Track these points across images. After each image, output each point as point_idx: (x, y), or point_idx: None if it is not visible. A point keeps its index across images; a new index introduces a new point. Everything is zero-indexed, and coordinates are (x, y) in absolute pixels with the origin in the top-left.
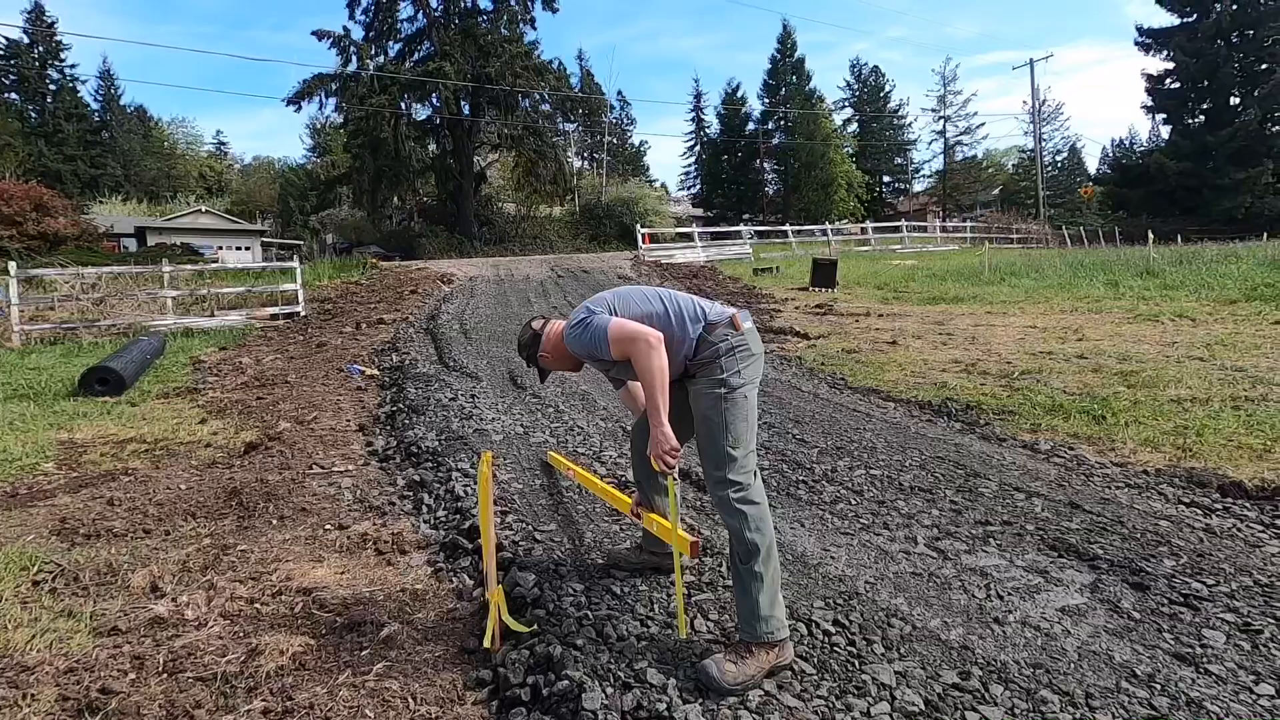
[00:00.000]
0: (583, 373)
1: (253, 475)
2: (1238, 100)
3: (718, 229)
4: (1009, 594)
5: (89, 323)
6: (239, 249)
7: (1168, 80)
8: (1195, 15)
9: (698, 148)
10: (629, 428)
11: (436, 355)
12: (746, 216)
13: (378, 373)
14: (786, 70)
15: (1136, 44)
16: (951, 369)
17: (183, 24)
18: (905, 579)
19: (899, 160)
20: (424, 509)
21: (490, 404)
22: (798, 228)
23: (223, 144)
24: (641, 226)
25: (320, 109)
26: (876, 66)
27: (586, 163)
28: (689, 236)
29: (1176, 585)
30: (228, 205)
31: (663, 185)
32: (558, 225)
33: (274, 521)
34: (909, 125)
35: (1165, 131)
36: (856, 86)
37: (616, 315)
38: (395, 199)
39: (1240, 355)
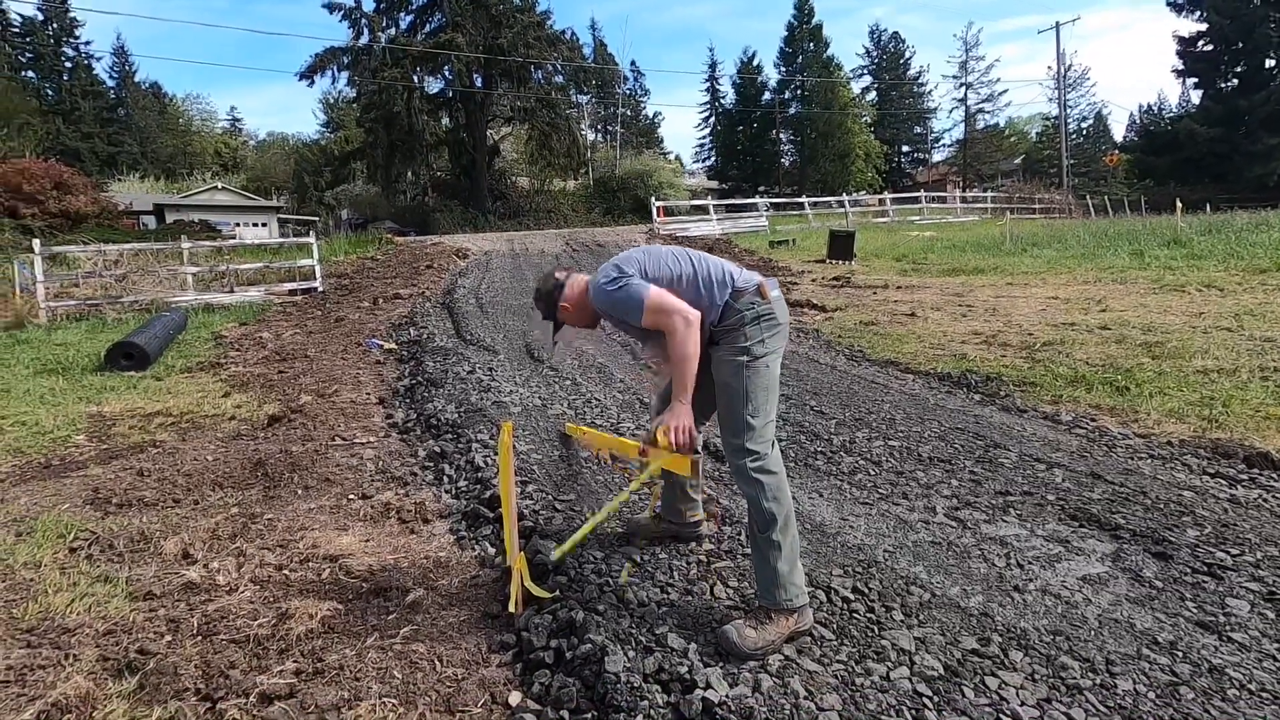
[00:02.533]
0: (599, 345)
1: (277, 447)
2: (1273, 63)
3: (733, 201)
4: (1029, 563)
5: (112, 299)
6: (256, 225)
7: (1200, 42)
8: None
9: (713, 119)
10: (646, 400)
11: (454, 329)
12: (762, 189)
13: (396, 347)
14: (804, 38)
15: (1169, 4)
16: (971, 341)
17: None
18: (924, 548)
19: (918, 129)
20: (445, 479)
21: (508, 377)
22: (814, 199)
23: (237, 120)
24: (656, 199)
25: (333, 83)
26: (896, 33)
27: (600, 136)
28: (704, 209)
29: (1200, 555)
30: (243, 182)
31: (677, 158)
32: (571, 199)
33: (299, 491)
34: (929, 93)
35: (1195, 96)
36: (875, 54)
37: (649, 278)
38: (409, 174)
39: (1270, 326)
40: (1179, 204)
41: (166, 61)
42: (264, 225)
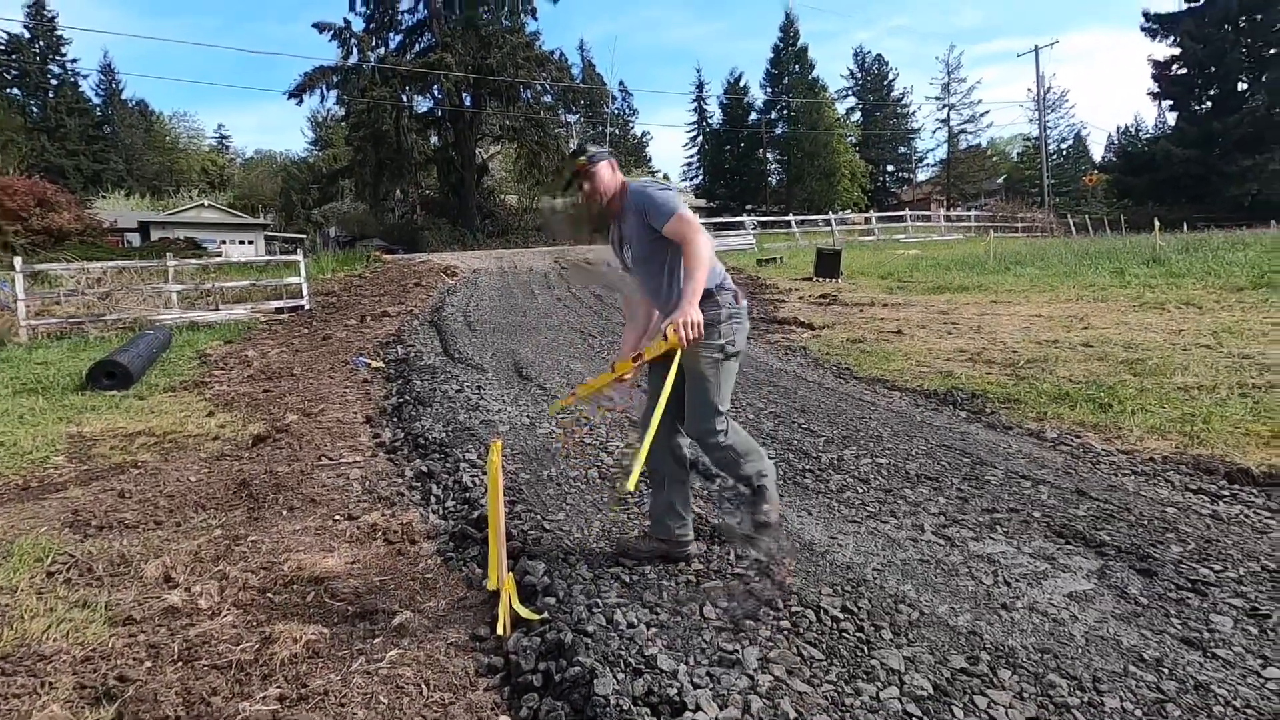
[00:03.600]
0: (586, 363)
1: (261, 467)
2: (1245, 86)
3: (721, 219)
4: (1016, 580)
5: (95, 317)
6: (242, 243)
7: (1174, 66)
8: (1201, 0)
9: (700, 138)
10: (635, 419)
11: (441, 348)
12: (750, 207)
13: (383, 365)
14: (789, 59)
15: (1143, 29)
16: (957, 358)
17: (186, 17)
18: (913, 566)
19: (902, 149)
20: (432, 500)
21: (496, 395)
22: (801, 218)
23: (225, 138)
24: None
25: (322, 102)
26: (880, 55)
27: None
28: None
29: (1184, 571)
30: (230, 199)
31: (665, 176)
32: (560, 217)
33: (284, 512)
34: (912, 114)
35: (1171, 118)
36: (860, 75)
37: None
38: (397, 192)
39: (1248, 342)
40: (1157, 223)
41: (155, 80)
42: (250, 243)
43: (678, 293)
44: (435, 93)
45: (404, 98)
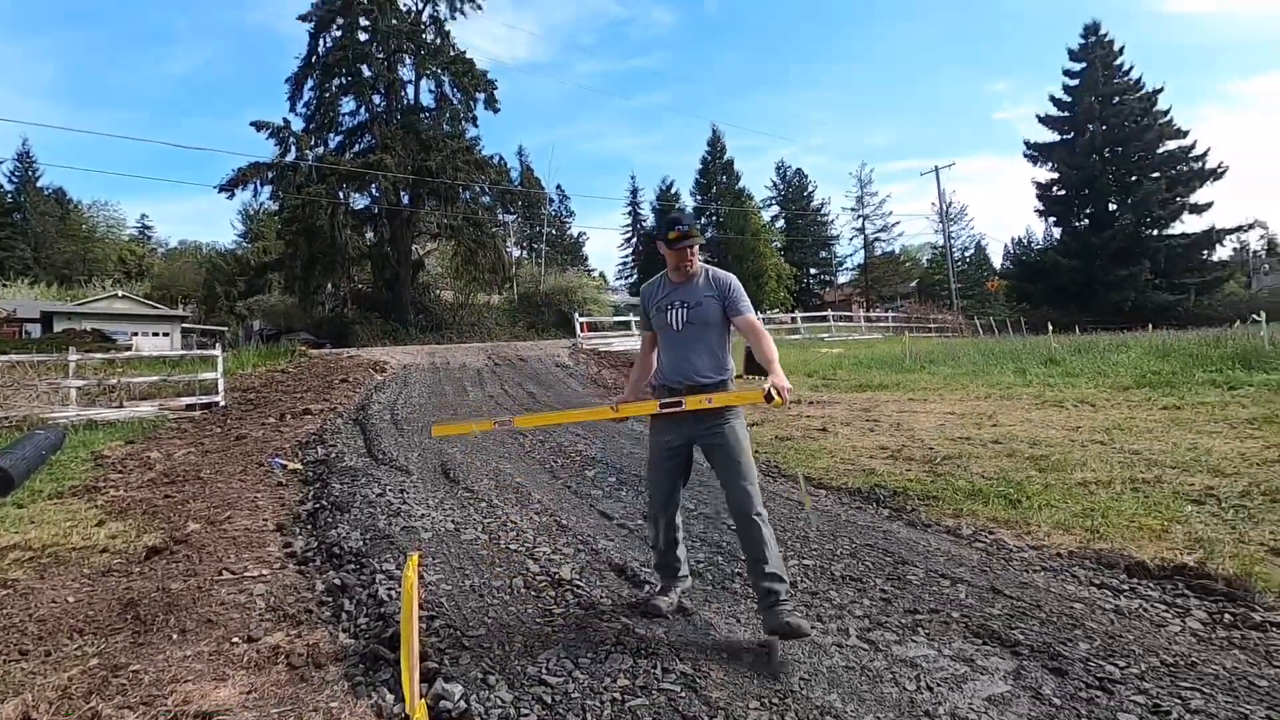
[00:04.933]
0: (517, 465)
1: (153, 584)
2: (1115, 207)
3: None
4: (938, 685)
5: None
6: (157, 335)
7: (1054, 188)
8: (1072, 133)
9: (635, 239)
10: (563, 522)
11: (365, 447)
12: None
13: (301, 467)
14: (717, 170)
15: (1025, 156)
16: (879, 455)
17: (116, 110)
18: (839, 673)
19: (824, 254)
20: (344, 616)
21: (420, 499)
22: None
23: (147, 228)
24: (580, 315)
25: (255, 196)
26: (800, 169)
27: (525, 252)
28: (627, 325)
29: (1091, 669)
30: (147, 290)
31: (601, 274)
32: (496, 313)
33: (174, 636)
34: (831, 222)
35: (1057, 232)
36: (782, 186)
37: None
38: (329, 285)
39: (1135, 439)
40: (1050, 326)
41: (77, 170)
42: (166, 335)
43: (725, 360)
44: (373, 191)
45: (341, 195)
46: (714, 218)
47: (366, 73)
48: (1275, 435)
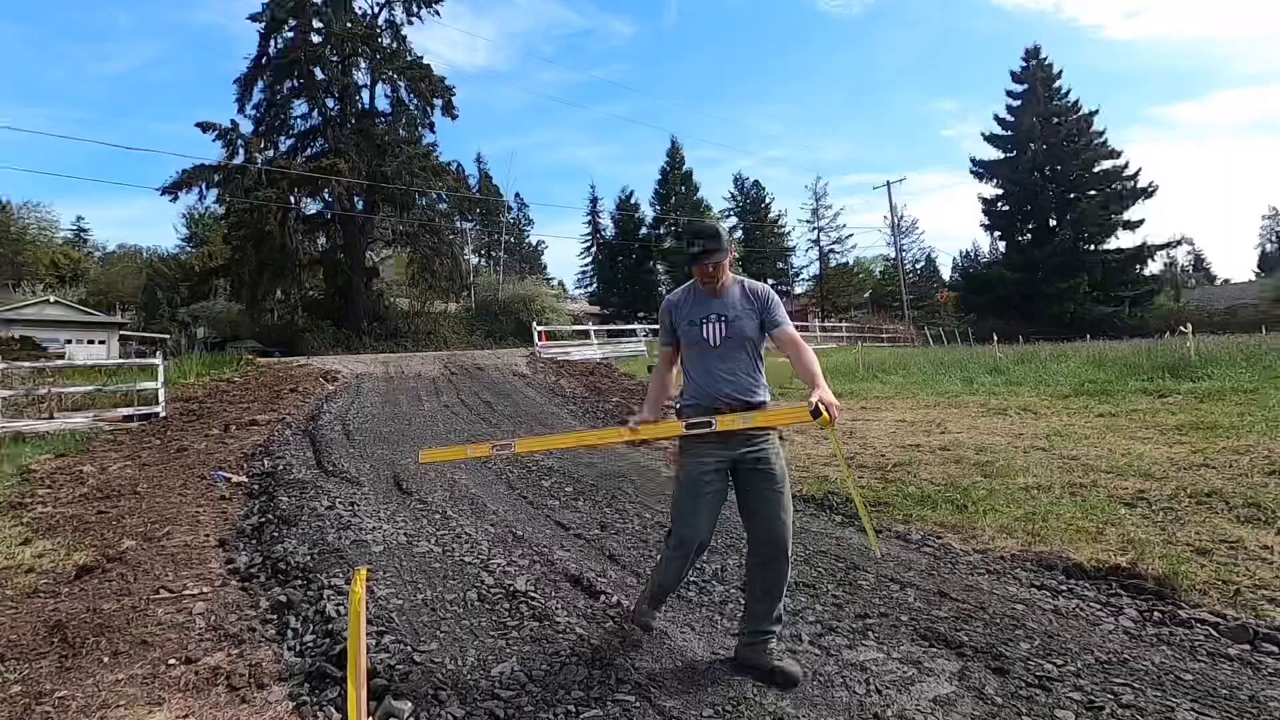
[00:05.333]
0: (471, 474)
1: (83, 604)
2: (1055, 222)
3: (614, 326)
4: (886, 687)
5: None
6: (92, 343)
7: (999, 204)
8: (1015, 151)
9: (594, 249)
10: (519, 533)
11: (315, 459)
12: (642, 315)
13: (246, 480)
14: (676, 181)
15: (971, 172)
16: (832, 463)
17: (51, 107)
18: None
19: (781, 265)
20: (289, 634)
21: (371, 512)
22: None
23: (83, 230)
24: (538, 324)
25: (200, 200)
26: (757, 181)
27: (484, 260)
28: (585, 334)
29: (1031, 668)
30: (83, 296)
31: (560, 283)
32: (453, 321)
33: (105, 659)
34: (788, 234)
35: (1002, 246)
36: (740, 198)
37: None
38: (278, 292)
39: (1074, 445)
40: (995, 337)
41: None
42: (102, 343)
43: (763, 377)
44: (326, 196)
45: (292, 199)
46: (673, 228)
47: (320, 75)
48: (1201, 441)
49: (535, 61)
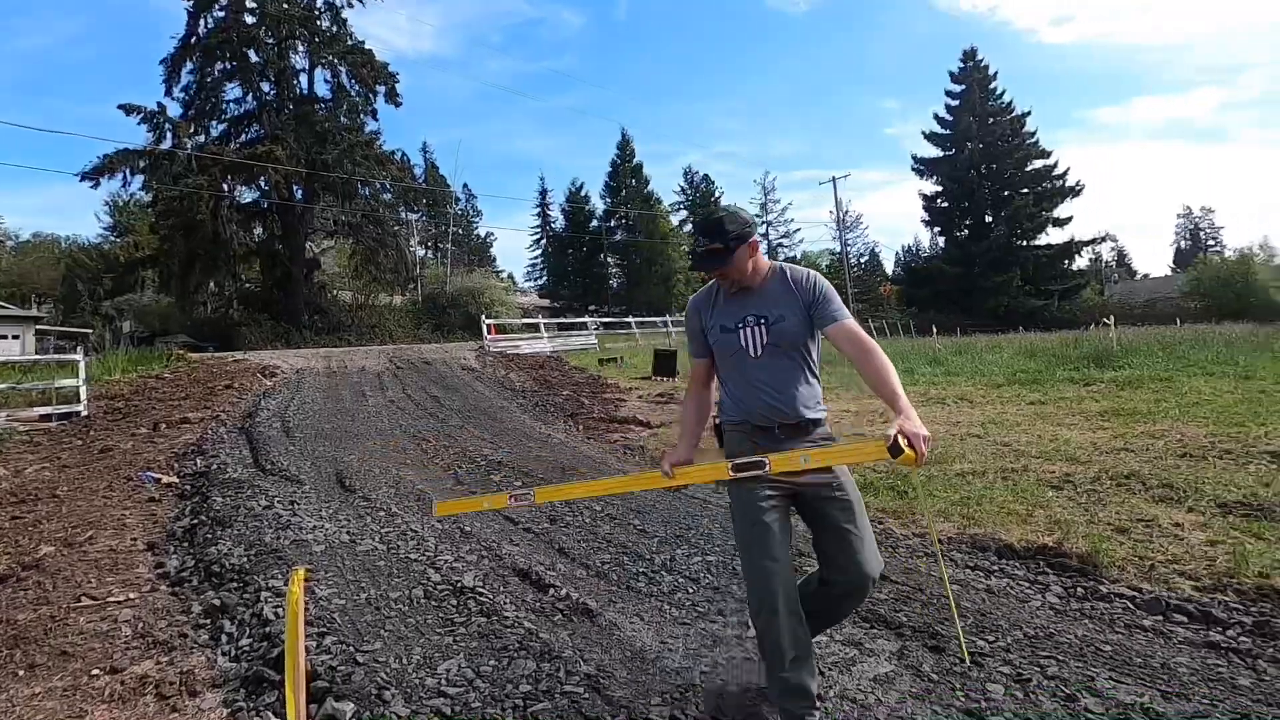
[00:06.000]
0: (418, 470)
1: None
2: (990, 219)
3: (564, 320)
4: (829, 669)
5: None
6: (5, 338)
7: (938, 200)
8: (954, 150)
9: (544, 241)
10: (466, 529)
11: (252, 458)
12: (592, 308)
13: (177, 480)
14: (627, 174)
15: (913, 170)
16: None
17: None
18: (739, 664)
19: None
20: (224, 638)
21: (312, 510)
22: (640, 319)
23: None
24: (487, 317)
25: (124, 186)
26: (707, 175)
27: (431, 252)
28: (536, 327)
29: (966, 645)
30: None
31: (509, 276)
32: (398, 314)
33: (20, 673)
34: None
35: (942, 241)
36: (690, 191)
37: None
38: (211, 285)
39: (1007, 432)
40: (935, 329)
41: None
42: (16, 338)
43: (818, 387)
44: (262, 184)
45: (225, 187)
46: (624, 220)
47: (254, 58)
48: (1121, 426)
49: (483, 50)
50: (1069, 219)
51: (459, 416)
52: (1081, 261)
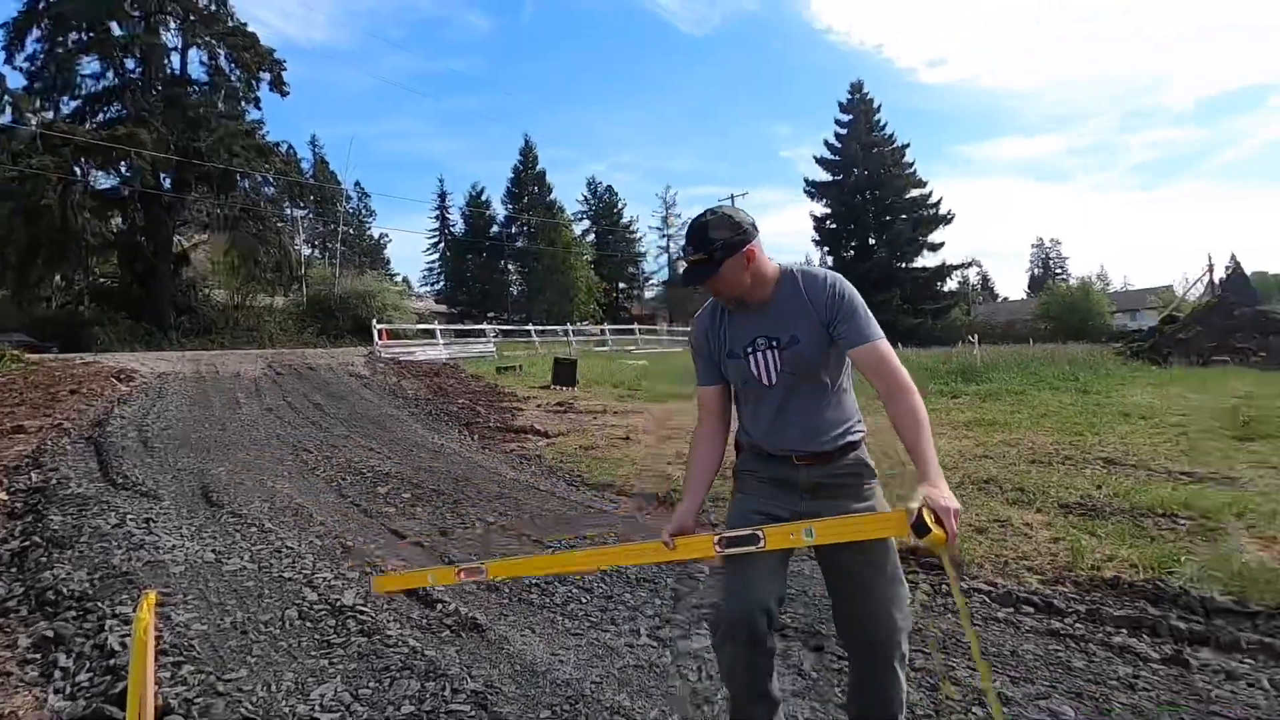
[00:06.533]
0: (296, 482)
1: None
2: (873, 241)
3: (462, 326)
4: (717, 673)
5: None
6: None
7: (828, 222)
8: (842, 175)
9: (442, 244)
10: (349, 544)
11: (100, 470)
12: (491, 315)
13: (6, 497)
14: (529, 180)
15: (805, 192)
16: (676, 461)
17: None
18: (629, 673)
19: (632, 270)
20: (58, 674)
21: (172, 528)
22: (541, 328)
23: None
24: (379, 321)
25: None
26: (610, 185)
27: (318, 252)
28: (431, 333)
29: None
30: None
31: (404, 280)
32: (280, 317)
33: None
34: (640, 240)
35: (831, 260)
36: (593, 201)
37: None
38: (58, 277)
39: (883, 440)
40: None
41: None
42: None
43: (850, 409)
44: (123, 170)
45: (78, 170)
46: (525, 228)
47: (117, 31)
48: (982, 435)
49: (381, 44)
50: (942, 244)
51: (344, 425)
52: (952, 284)
